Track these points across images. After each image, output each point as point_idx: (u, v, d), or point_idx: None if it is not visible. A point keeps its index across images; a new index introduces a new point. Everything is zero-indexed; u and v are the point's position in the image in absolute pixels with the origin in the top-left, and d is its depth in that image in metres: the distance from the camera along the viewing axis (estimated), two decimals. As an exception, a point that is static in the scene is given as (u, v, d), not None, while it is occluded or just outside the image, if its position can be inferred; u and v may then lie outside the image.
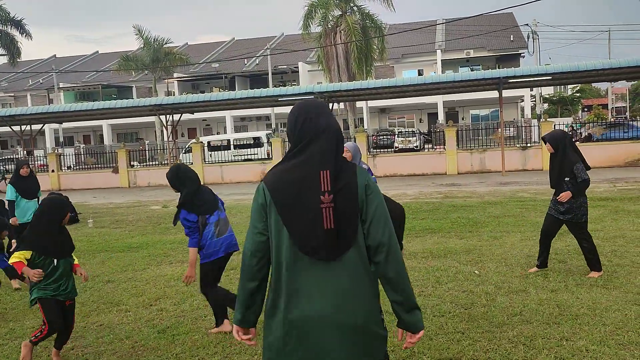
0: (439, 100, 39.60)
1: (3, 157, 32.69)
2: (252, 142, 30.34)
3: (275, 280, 2.28)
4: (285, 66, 45.95)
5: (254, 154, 28.84)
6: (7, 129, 28.76)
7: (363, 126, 35.53)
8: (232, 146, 30.22)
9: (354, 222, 2.21)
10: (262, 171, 23.51)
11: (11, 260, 4.17)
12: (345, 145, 6.44)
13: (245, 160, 27.59)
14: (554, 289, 5.44)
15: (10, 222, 7.74)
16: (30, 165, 8.63)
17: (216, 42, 59.91)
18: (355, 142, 18.94)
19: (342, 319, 2.19)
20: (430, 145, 30.98)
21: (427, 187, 16.62)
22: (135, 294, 6.19)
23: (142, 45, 39.47)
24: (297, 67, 46.43)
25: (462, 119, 43.00)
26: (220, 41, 59.96)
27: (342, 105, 29.91)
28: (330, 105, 22.72)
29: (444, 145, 22.12)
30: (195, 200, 4.81)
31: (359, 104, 35.93)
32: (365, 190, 2.23)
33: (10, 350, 4.67)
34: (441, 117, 40.66)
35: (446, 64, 44.11)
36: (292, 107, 2.45)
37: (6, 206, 8.15)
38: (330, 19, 30.92)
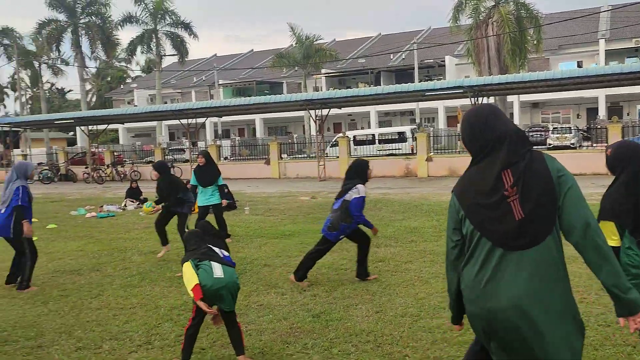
0: (600, 94, 36.31)
1: (172, 148, 36.19)
2: (396, 137, 30.33)
3: (475, 274, 2.34)
4: (431, 60, 45.15)
5: (398, 149, 28.84)
6: (175, 122, 31.84)
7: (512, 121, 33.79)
8: (376, 141, 30.48)
9: (548, 209, 2.24)
10: (406, 166, 23.43)
11: (189, 287, 4.00)
12: None
13: (389, 154, 27.70)
14: None
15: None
16: (206, 155, 9.30)
17: (363, 37, 60.61)
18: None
19: (541, 308, 2.22)
20: (588, 143, 28.58)
21: (586, 187, 15.34)
22: (290, 279, 6.55)
23: (294, 43, 41.22)
24: (444, 60, 45.37)
25: (627, 114, 38.99)
26: (366, 37, 60.56)
27: (491, 99, 28.71)
28: (479, 99, 21.92)
29: (606, 142, 20.28)
30: None
31: (509, 98, 34.21)
32: (556, 174, 2.26)
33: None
34: (602, 112, 37.24)
35: (610, 54, 40.22)
36: (465, 113, 2.52)
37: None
38: (482, 10, 29.77)
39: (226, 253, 4.32)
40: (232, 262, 4.25)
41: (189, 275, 3.97)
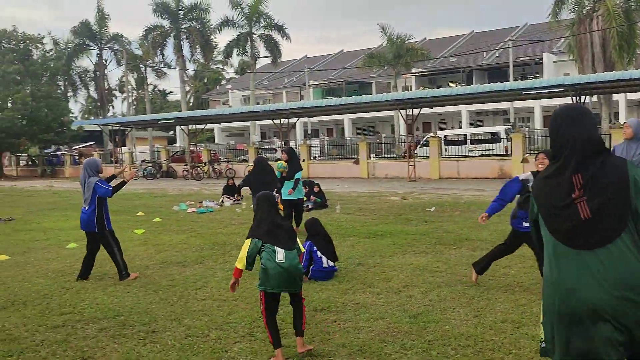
0: None
1: (264, 147, 37.31)
2: (489, 137, 29.41)
3: (549, 272, 2.49)
4: (527, 57, 43.29)
5: (491, 150, 27.94)
6: (267, 122, 32.77)
7: (617, 121, 31.67)
8: (468, 141, 29.71)
9: (617, 211, 2.33)
10: (500, 167, 22.67)
11: (236, 264, 4.38)
12: (627, 121, 6.15)
13: (481, 155, 26.91)
14: None
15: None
16: (288, 151, 10.53)
17: (455, 35, 59.24)
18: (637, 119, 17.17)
19: (614, 306, 2.29)
20: None
21: None
22: (385, 279, 6.59)
23: (384, 43, 41.05)
24: (542, 58, 43.38)
25: None
26: (458, 34, 59.14)
27: (594, 98, 27.08)
28: (582, 98, 20.76)
29: None
30: None
31: (615, 96, 32.13)
32: (636, 179, 2.35)
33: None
34: None
35: None
36: (554, 111, 2.65)
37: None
38: (586, 4, 28.16)
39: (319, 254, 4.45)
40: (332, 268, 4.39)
41: (241, 255, 4.33)
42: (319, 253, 6.69)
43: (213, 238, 9.98)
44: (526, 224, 5.66)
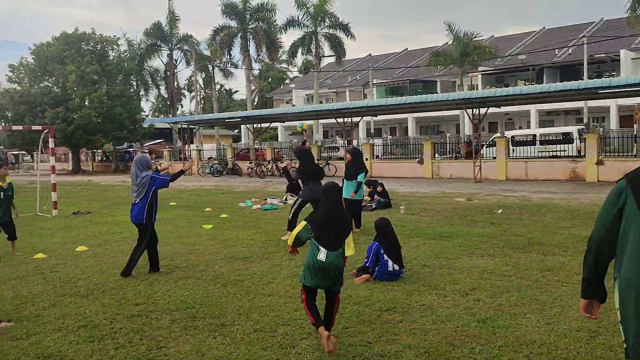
0: None
1: (325, 146, 37.51)
2: (561, 137, 28.25)
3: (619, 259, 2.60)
4: (603, 54, 41.28)
5: (563, 151, 26.84)
6: (329, 120, 32.83)
7: None
8: (537, 141, 28.67)
9: None
10: (572, 169, 21.76)
11: (289, 240, 4.79)
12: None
13: (552, 157, 25.92)
14: None
15: None
16: (351, 151, 10.55)
17: (524, 32, 57.29)
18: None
19: None
20: None
21: None
22: (451, 281, 6.48)
23: (450, 41, 40.30)
24: (618, 54, 41.22)
25: None
26: (528, 31, 57.13)
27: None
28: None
29: None
30: None
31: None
32: None
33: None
34: None
35: None
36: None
37: None
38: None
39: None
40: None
41: (294, 234, 4.68)
42: (385, 256, 6.65)
43: (278, 235, 10.13)
44: None
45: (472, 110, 23.14)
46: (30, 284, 6.92)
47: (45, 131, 15.21)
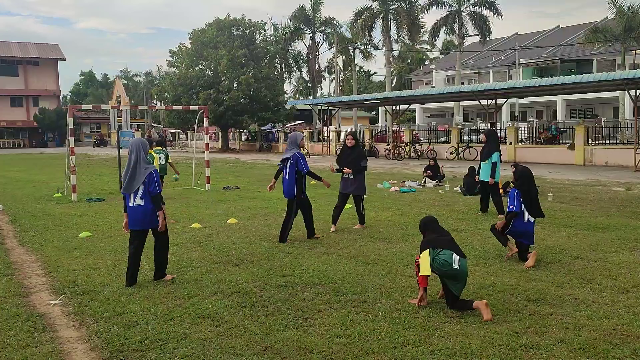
0: None
1: (466, 128, 36.22)
2: None
3: None
4: None
5: None
6: (470, 102, 31.57)
7: None
8: None
9: None
10: None
11: (421, 272, 5.04)
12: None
13: None
14: None
15: None
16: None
17: None
18: None
19: None
20: None
21: None
22: (609, 276, 5.98)
23: (612, 15, 36.59)
24: None
25: None
26: None
27: None
28: None
29: None
30: None
31: None
32: None
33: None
34: None
35: None
36: None
37: None
38: None
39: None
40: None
41: (424, 265, 4.97)
42: (522, 205, 6.70)
43: (417, 218, 10.01)
44: None
45: (636, 92, 20.90)
46: (189, 251, 7.60)
47: (201, 111, 16.47)
